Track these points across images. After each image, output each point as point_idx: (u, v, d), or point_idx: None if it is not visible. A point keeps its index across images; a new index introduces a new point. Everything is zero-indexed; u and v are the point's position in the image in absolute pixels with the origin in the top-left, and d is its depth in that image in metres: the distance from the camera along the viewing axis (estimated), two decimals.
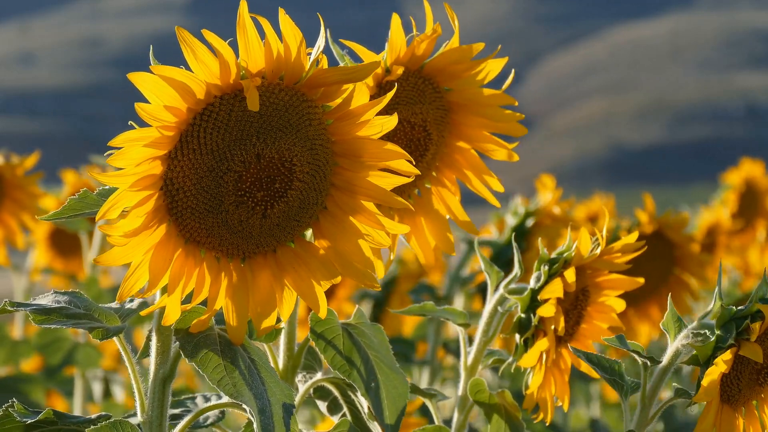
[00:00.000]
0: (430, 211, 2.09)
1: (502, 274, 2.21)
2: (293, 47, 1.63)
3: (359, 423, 2.05)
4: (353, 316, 2.02)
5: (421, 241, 2.09)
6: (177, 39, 1.58)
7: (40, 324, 1.77)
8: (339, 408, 2.12)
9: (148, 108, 1.58)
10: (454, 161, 2.09)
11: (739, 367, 1.93)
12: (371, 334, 2.00)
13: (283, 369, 2.07)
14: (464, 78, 2.03)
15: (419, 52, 1.98)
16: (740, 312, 1.95)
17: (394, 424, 1.93)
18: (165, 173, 1.64)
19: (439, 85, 2.04)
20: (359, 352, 1.96)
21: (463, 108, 2.06)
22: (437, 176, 2.09)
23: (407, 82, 2.00)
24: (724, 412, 1.96)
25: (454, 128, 2.07)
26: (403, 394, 1.96)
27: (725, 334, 1.93)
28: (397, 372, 1.98)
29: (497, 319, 2.21)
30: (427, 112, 2.03)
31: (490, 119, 2.05)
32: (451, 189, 2.09)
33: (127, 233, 1.62)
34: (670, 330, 1.99)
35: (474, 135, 2.07)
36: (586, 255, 2.12)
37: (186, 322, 1.75)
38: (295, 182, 1.68)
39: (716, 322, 1.95)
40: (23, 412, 1.81)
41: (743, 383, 1.95)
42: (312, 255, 1.74)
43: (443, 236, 2.09)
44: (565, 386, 2.15)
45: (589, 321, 2.20)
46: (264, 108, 1.65)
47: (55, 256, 5.03)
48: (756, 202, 5.80)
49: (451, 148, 2.08)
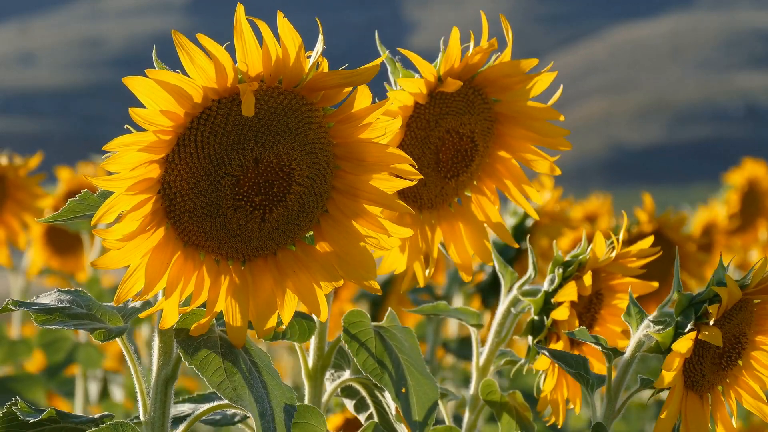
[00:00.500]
0: (470, 218, 2.09)
1: (516, 275, 2.21)
2: (292, 51, 1.62)
3: (386, 423, 2.06)
4: (385, 319, 2.03)
5: (459, 249, 2.10)
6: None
7: (42, 324, 1.76)
8: (366, 407, 2.13)
9: (143, 113, 1.57)
10: (496, 171, 2.09)
11: (700, 352, 1.93)
12: (402, 337, 2.01)
13: (312, 368, 2.08)
14: (515, 90, 2.02)
15: (473, 63, 1.97)
16: (698, 297, 1.94)
17: (423, 429, 1.93)
18: (162, 177, 1.63)
19: (487, 96, 2.03)
20: (390, 356, 1.97)
21: (511, 120, 2.05)
22: (478, 185, 2.09)
23: (457, 93, 2.00)
24: (690, 399, 1.95)
25: (499, 139, 2.07)
26: (433, 398, 1.97)
27: (685, 320, 1.93)
28: (427, 377, 1.99)
29: (510, 320, 2.21)
30: (475, 123, 2.02)
31: (536, 132, 2.05)
32: (490, 198, 2.10)
33: (122, 237, 1.61)
34: (632, 321, 1.98)
35: (518, 146, 2.07)
36: (601, 258, 2.12)
37: (187, 323, 1.74)
38: (294, 186, 1.67)
39: (675, 309, 1.95)
40: (26, 410, 1.81)
41: (706, 368, 1.94)
42: (313, 258, 1.74)
43: (481, 244, 2.10)
44: (576, 389, 2.15)
45: (602, 324, 2.20)
46: (262, 112, 1.64)
47: (51, 255, 5.02)
48: (758, 202, 5.80)
49: (494, 158, 2.08)
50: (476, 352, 2.24)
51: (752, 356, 1.98)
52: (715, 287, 1.91)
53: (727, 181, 5.82)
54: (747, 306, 1.95)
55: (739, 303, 1.94)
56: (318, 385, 2.07)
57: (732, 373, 1.98)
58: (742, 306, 1.94)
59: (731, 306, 1.93)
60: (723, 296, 1.89)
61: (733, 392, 1.99)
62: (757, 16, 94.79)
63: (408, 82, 1.94)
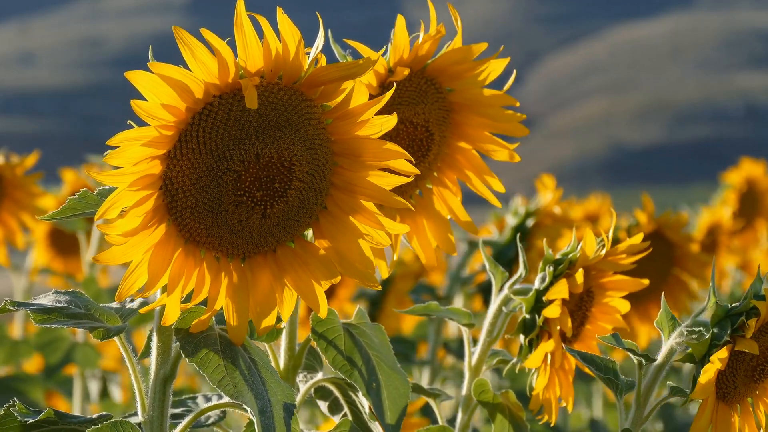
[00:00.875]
0: (432, 211, 2.09)
1: (506, 274, 2.21)
2: (291, 46, 1.63)
3: (360, 423, 2.06)
4: (354, 316, 2.02)
5: (422, 242, 2.09)
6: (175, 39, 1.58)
7: (41, 324, 1.77)
8: (340, 408, 2.12)
9: (145, 105, 1.58)
10: (456, 161, 2.09)
11: (734, 364, 1.94)
12: (372, 334, 2.01)
13: (284, 369, 2.07)
14: (466, 78, 2.03)
15: (422, 53, 1.98)
16: (735, 309, 1.95)
17: (395, 424, 1.93)
18: (164, 173, 1.64)
19: (441, 86, 2.04)
20: (360, 353, 1.96)
21: (465, 108, 2.06)
22: (438, 176, 2.09)
23: (410, 83, 2.01)
24: (720, 410, 1.96)
25: (456, 128, 2.08)
26: (404, 394, 1.96)
27: (721, 331, 1.93)
28: (398, 372, 1.98)
29: (501, 319, 2.21)
30: (430, 112, 2.03)
31: (491, 119, 2.05)
32: (452, 189, 2.10)
33: (125, 232, 1.62)
34: (664, 328, 1.99)
35: (475, 135, 2.07)
36: (592, 256, 2.12)
37: (186, 322, 1.75)
38: (295, 182, 1.68)
39: (711, 320, 1.95)
40: (24, 411, 1.81)
41: (738, 380, 1.95)
42: (312, 255, 1.74)
43: (444, 236, 2.10)
44: (569, 387, 2.15)
45: (593, 322, 2.20)
46: (263, 107, 1.65)
47: (54, 256, 5.03)
48: (757, 202, 5.80)
49: (453, 149, 2.09)
50: (468, 351, 2.24)
51: None
52: (754, 300, 1.92)
53: (725, 180, 5.82)
54: None
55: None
56: (291, 386, 2.06)
57: (762, 385, 1.98)
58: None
59: None
60: (762, 310, 1.90)
61: (762, 404, 2.00)
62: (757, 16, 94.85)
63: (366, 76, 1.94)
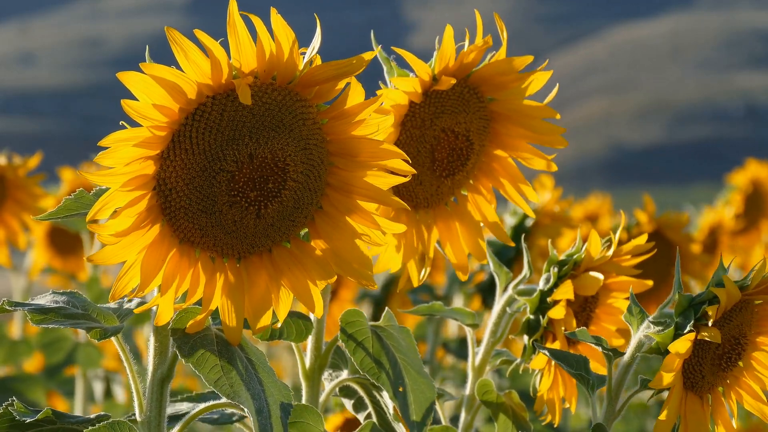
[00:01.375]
0: (466, 217, 2.09)
1: (511, 274, 2.22)
2: (285, 47, 1.63)
3: (384, 423, 2.07)
4: (382, 319, 2.04)
5: (455, 247, 2.10)
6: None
7: (38, 324, 1.77)
8: (364, 407, 2.14)
9: (136, 106, 1.58)
10: (492, 170, 2.09)
11: (700, 353, 1.93)
12: (399, 337, 2.02)
13: (310, 368, 2.09)
14: (510, 89, 2.02)
15: (467, 61, 1.97)
16: (698, 298, 1.95)
17: (420, 426, 1.93)
18: (157, 173, 1.64)
19: (483, 95, 2.03)
20: (387, 355, 1.97)
21: (506, 119, 2.05)
22: (474, 184, 2.09)
23: (452, 91, 2.00)
24: (689, 400, 1.95)
25: (495, 137, 2.07)
26: (430, 398, 1.98)
27: (684, 321, 1.93)
28: (424, 376, 1.99)
29: (505, 320, 2.21)
30: (471, 121, 2.03)
31: (532, 131, 2.05)
32: (486, 197, 2.10)
33: (117, 233, 1.61)
34: (632, 322, 1.98)
35: (514, 145, 2.07)
36: (597, 257, 2.11)
37: (183, 322, 1.75)
38: (289, 182, 1.68)
39: (675, 310, 1.95)
40: (23, 411, 1.81)
41: (706, 369, 1.94)
42: (308, 255, 1.74)
43: (476, 243, 2.10)
44: (573, 388, 2.15)
45: (597, 323, 2.20)
46: (257, 108, 1.65)
47: (53, 256, 5.03)
48: (761, 203, 5.80)
49: (490, 157, 2.08)
50: (472, 351, 2.24)
51: (753, 357, 1.98)
52: (714, 288, 1.91)
53: (730, 181, 5.81)
54: (747, 307, 1.94)
55: (739, 304, 1.93)
56: (315, 384, 2.08)
57: (732, 374, 1.97)
58: (742, 307, 1.94)
59: (731, 307, 1.92)
60: (721, 297, 1.89)
61: (734, 393, 1.99)
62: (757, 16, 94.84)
63: (402, 81, 1.94)
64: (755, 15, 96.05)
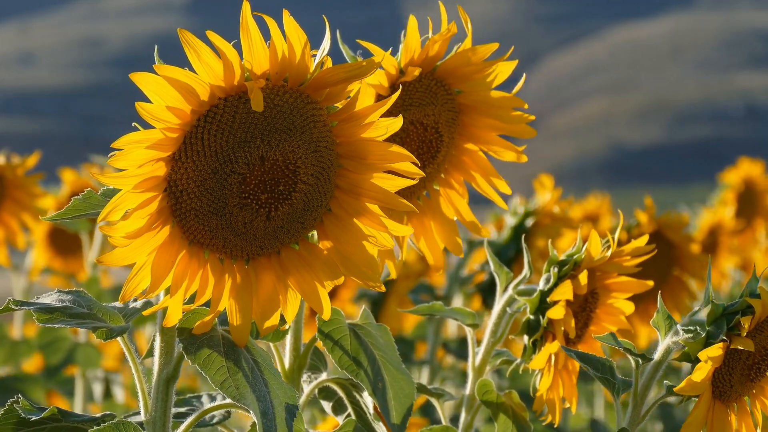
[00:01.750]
0: (438, 212, 2.09)
1: (511, 274, 2.22)
2: (298, 48, 1.63)
3: (364, 423, 2.06)
4: (360, 317, 2.03)
5: (429, 243, 2.10)
6: (177, 39, 1.58)
7: (44, 323, 1.77)
8: (344, 408, 2.13)
9: (149, 107, 1.58)
10: (463, 163, 2.09)
11: (730, 363, 1.93)
12: (378, 334, 2.01)
13: (289, 369, 2.08)
14: (475, 80, 2.03)
15: (432, 53, 1.98)
16: (731, 307, 1.95)
17: (401, 424, 1.94)
18: (169, 175, 1.64)
19: (450, 87, 2.04)
20: (366, 353, 1.97)
21: (474, 110, 2.06)
22: (446, 178, 2.09)
23: (420, 84, 2.01)
24: (716, 409, 1.95)
25: (464, 130, 2.07)
26: (410, 394, 1.97)
27: (716, 330, 1.93)
28: (403, 373, 1.99)
29: (506, 320, 2.21)
30: (439, 113, 2.03)
31: (500, 121, 2.05)
32: (459, 191, 2.10)
33: (128, 234, 1.61)
34: (660, 327, 1.98)
35: (483, 137, 2.07)
36: (597, 257, 2.12)
37: (189, 323, 1.75)
38: (300, 184, 1.68)
39: (707, 318, 1.95)
40: (28, 408, 1.81)
41: (735, 379, 1.94)
42: (316, 257, 1.74)
43: (451, 238, 2.10)
44: (573, 388, 2.15)
45: (597, 323, 2.20)
46: (268, 110, 1.65)
47: (53, 256, 5.03)
48: (755, 202, 5.80)
49: (460, 150, 2.09)
50: (472, 352, 2.24)
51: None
52: (749, 299, 1.92)
53: (723, 180, 5.81)
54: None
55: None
56: (295, 386, 2.07)
57: (759, 384, 1.98)
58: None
59: (764, 317, 1.93)
60: (757, 308, 1.90)
61: (759, 403, 1.99)
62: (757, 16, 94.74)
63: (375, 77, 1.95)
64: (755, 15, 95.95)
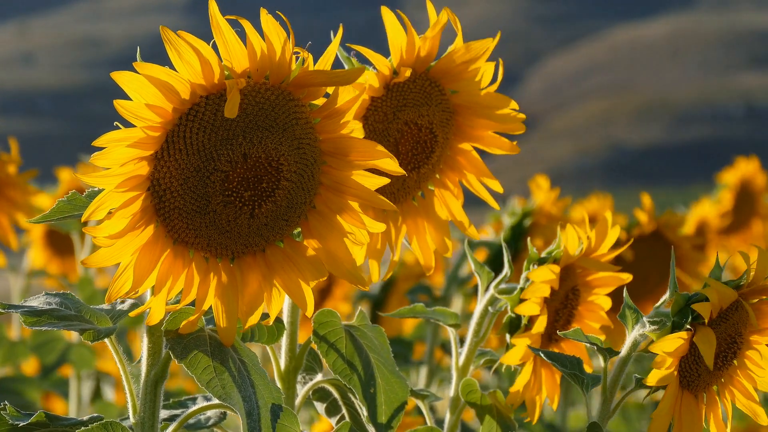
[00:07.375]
0: (432, 213, 2.09)
1: (492, 274, 2.22)
2: (277, 46, 1.63)
3: (358, 425, 2.06)
4: (356, 318, 2.03)
5: (422, 243, 2.10)
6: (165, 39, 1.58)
7: (31, 326, 1.77)
8: (338, 410, 2.13)
9: (129, 106, 1.58)
10: (457, 163, 2.09)
11: (696, 352, 1.92)
12: (373, 336, 2.01)
13: (285, 370, 2.08)
14: (467, 79, 2.03)
15: (423, 54, 1.98)
16: (695, 297, 1.94)
17: (387, 428, 1.92)
18: (152, 174, 1.64)
19: (444, 88, 2.04)
20: (360, 356, 1.96)
21: (467, 110, 2.06)
22: (440, 178, 2.10)
23: (414, 84, 2.01)
24: (684, 399, 1.95)
25: (458, 130, 2.08)
26: (402, 397, 1.97)
27: (680, 320, 1.93)
28: (397, 376, 1.98)
29: (488, 319, 2.21)
30: (434, 114, 2.03)
31: (494, 120, 2.05)
32: (453, 191, 2.10)
33: (112, 234, 1.61)
34: (627, 321, 1.98)
35: (477, 135, 2.07)
36: (574, 253, 2.12)
37: (176, 323, 1.75)
38: (283, 181, 1.68)
39: (671, 309, 1.95)
40: (15, 414, 1.80)
41: (702, 368, 1.94)
42: (301, 254, 1.74)
43: (441, 239, 2.10)
44: (555, 386, 2.15)
45: (580, 320, 2.20)
46: (250, 107, 1.65)
47: (51, 257, 5.02)
48: (752, 201, 5.79)
49: (454, 150, 2.09)
50: (455, 352, 2.23)
51: (746, 355, 1.98)
52: (703, 289, 1.91)
53: (720, 180, 5.81)
54: (743, 306, 1.94)
55: (735, 303, 1.93)
56: (291, 387, 2.07)
57: (727, 372, 1.97)
58: (738, 306, 1.93)
59: (726, 306, 1.92)
60: (711, 296, 1.89)
61: (728, 392, 1.99)
62: (757, 17, 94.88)
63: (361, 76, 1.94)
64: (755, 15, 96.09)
